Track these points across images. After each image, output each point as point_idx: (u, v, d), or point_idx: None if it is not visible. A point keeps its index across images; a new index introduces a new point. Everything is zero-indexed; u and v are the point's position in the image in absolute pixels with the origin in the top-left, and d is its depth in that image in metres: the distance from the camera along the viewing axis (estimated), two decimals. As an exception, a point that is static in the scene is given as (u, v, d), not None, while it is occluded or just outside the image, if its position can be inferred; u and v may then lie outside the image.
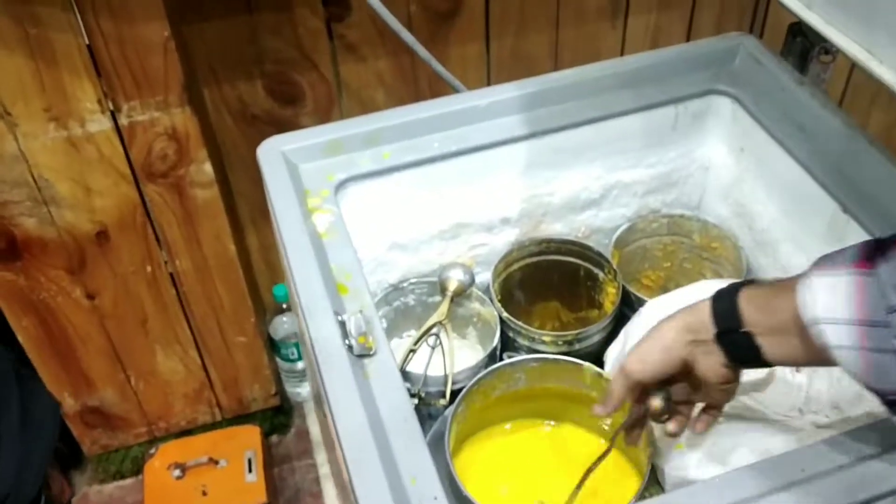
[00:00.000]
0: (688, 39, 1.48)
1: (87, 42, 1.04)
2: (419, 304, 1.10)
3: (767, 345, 0.66)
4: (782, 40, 1.04)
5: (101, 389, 1.44)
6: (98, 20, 1.03)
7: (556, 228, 1.09)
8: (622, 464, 0.95)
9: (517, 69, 1.43)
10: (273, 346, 1.59)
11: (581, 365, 0.93)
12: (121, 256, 1.28)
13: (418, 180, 0.97)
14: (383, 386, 0.73)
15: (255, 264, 1.51)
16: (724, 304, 0.69)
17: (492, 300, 1.03)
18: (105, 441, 1.54)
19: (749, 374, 0.88)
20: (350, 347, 0.75)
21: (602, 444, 0.98)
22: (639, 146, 1.05)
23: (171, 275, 1.33)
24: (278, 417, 1.66)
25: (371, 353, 0.76)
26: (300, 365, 1.62)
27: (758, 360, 0.67)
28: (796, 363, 0.69)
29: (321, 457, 1.62)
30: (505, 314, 1.00)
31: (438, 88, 1.38)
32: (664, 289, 1.22)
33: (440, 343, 1.00)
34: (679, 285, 1.20)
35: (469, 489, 0.79)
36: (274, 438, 1.66)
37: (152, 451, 1.54)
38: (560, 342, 0.99)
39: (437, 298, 1.08)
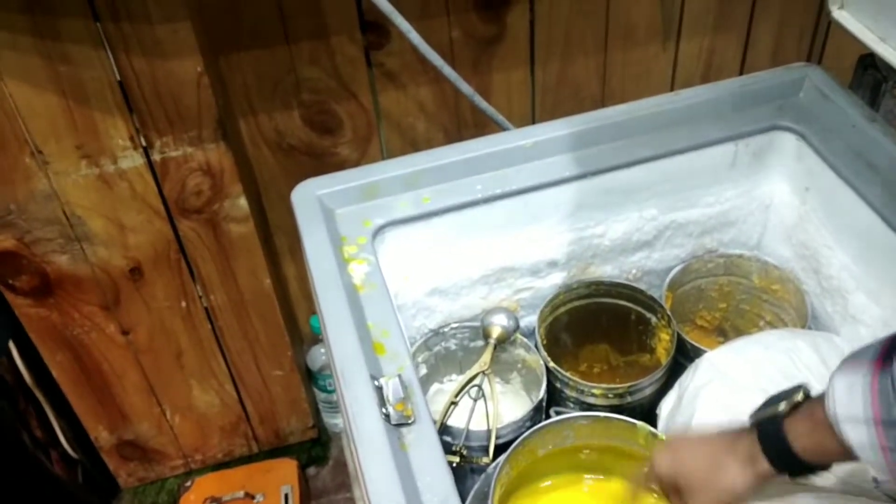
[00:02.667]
0: (743, 63, 1.41)
1: (118, 79, 1.01)
2: (461, 348, 1.05)
3: (810, 454, 0.66)
4: (843, 66, 0.97)
5: (136, 423, 1.42)
6: (130, 57, 1.00)
7: (606, 270, 1.03)
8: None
9: (563, 95, 1.37)
10: (310, 377, 1.55)
11: (635, 424, 0.87)
12: (155, 292, 1.24)
13: (460, 224, 0.92)
14: (423, 460, 0.68)
15: (293, 294, 1.47)
16: (774, 445, 0.68)
17: (538, 347, 0.97)
18: (141, 474, 1.51)
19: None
20: (387, 416, 0.70)
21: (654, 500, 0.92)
22: (695, 185, 0.99)
23: (206, 309, 1.30)
24: (316, 449, 1.62)
25: (410, 421, 0.71)
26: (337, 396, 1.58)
27: (796, 467, 0.67)
28: (837, 461, 0.67)
29: (359, 491, 1.57)
30: (552, 364, 0.94)
31: (482, 117, 1.33)
32: (719, 329, 1.15)
33: (483, 395, 0.95)
34: (735, 326, 1.14)
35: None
36: (311, 471, 1.62)
37: (188, 483, 1.51)
38: (611, 395, 0.94)
39: (480, 343, 1.03)
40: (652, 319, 1.02)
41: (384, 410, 0.70)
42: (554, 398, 0.97)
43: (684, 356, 0.98)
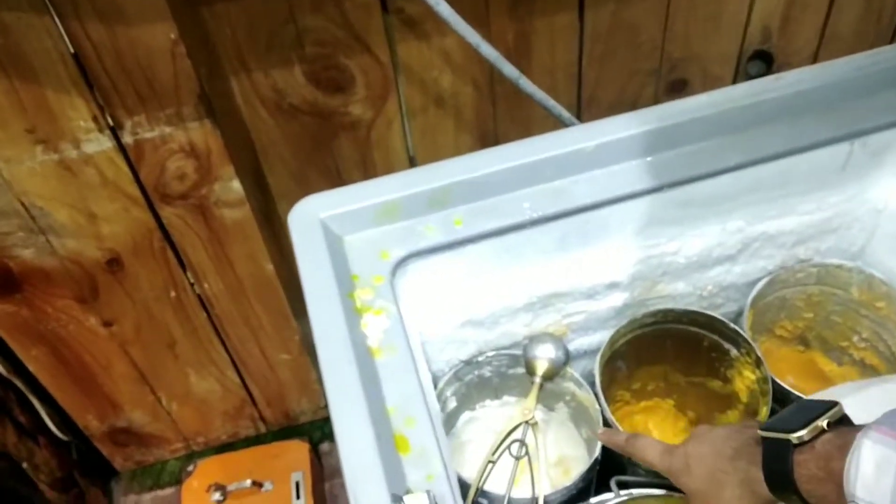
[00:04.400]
0: (831, 3, 1.17)
1: (72, 51, 0.81)
2: (497, 374, 0.88)
3: (815, 499, 0.54)
4: None
5: (128, 411, 1.28)
6: (84, 24, 0.79)
7: (677, 288, 0.85)
8: None
9: (617, 41, 1.15)
10: (322, 351, 1.39)
11: (712, 508, 0.70)
12: (138, 283, 1.07)
13: (501, 249, 0.73)
14: None
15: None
16: (778, 475, 0.56)
17: (601, 405, 0.80)
18: (138, 457, 1.39)
19: None
20: None
21: None
22: (792, 192, 0.79)
23: (199, 297, 1.13)
24: (328, 426, 1.47)
25: (440, 553, 0.55)
26: (353, 370, 1.43)
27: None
28: None
29: None
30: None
31: (519, 66, 1.11)
32: (801, 338, 0.98)
33: (527, 453, 0.78)
34: (821, 337, 0.96)
35: None
36: (325, 447, 1.48)
37: (190, 468, 1.38)
38: None
39: (520, 370, 0.86)
40: (731, 351, 0.84)
41: (407, 547, 0.54)
42: (609, 454, 0.80)
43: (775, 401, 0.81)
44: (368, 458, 0.57)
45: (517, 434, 0.78)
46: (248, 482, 1.34)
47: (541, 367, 0.81)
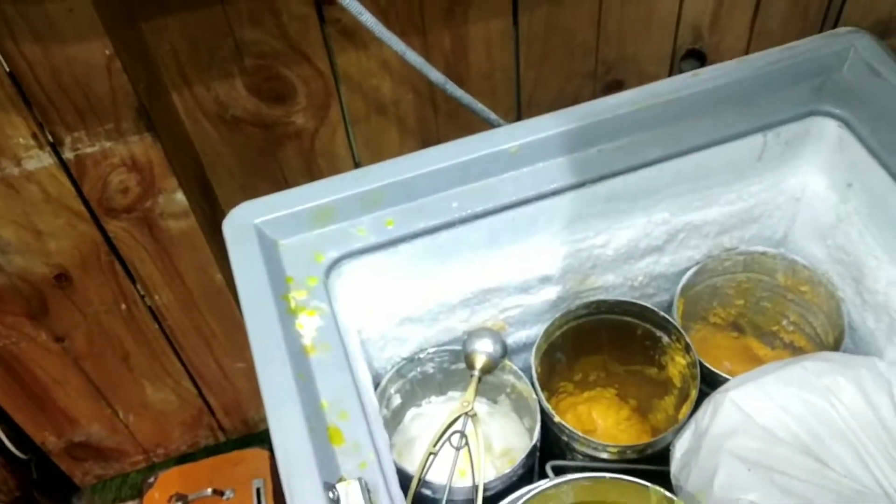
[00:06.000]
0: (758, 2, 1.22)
1: (7, 70, 0.82)
2: (440, 370, 0.91)
3: None
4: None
5: (86, 426, 1.28)
6: (18, 43, 0.80)
7: (608, 280, 0.88)
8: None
9: (552, 44, 1.18)
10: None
11: (647, 487, 0.73)
12: (88, 297, 1.08)
13: (433, 248, 0.76)
14: None
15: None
16: None
17: (536, 391, 0.83)
18: (98, 471, 1.39)
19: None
20: None
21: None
22: (713, 183, 0.82)
23: (150, 309, 1.14)
24: (289, 432, 1.49)
25: (375, 541, 0.57)
26: (311, 377, 1.44)
27: None
28: None
29: None
30: (558, 418, 0.80)
31: (455, 73, 1.14)
32: (734, 325, 1.01)
33: (466, 443, 0.81)
34: (754, 323, 1.00)
35: None
36: (286, 453, 1.50)
37: (151, 479, 1.38)
38: (630, 452, 0.80)
39: (461, 365, 0.88)
40: (663, 338, 0.88)
41: (341, 535, 0.56)
42: (549, 440, 0.83)
43: (702, 380, 0.84)
44: (301, 448, 0.59)
45: (457, 426, 0.80)
46: (209, 491, 1.35)
47: (479, 361, 0.83)
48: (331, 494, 0.57)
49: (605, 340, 0.92)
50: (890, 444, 0.72)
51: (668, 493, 0.73)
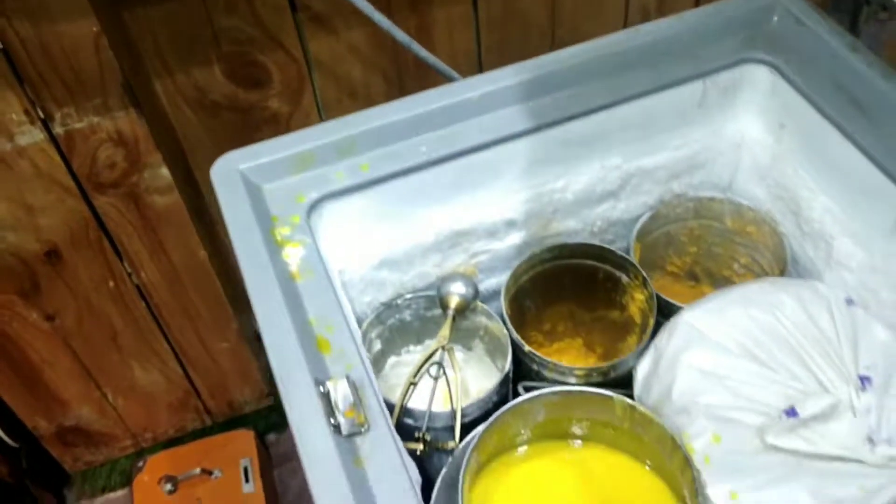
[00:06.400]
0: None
1: (0, 46, 0.88)
2: (417, 318, 0.97)
3: None
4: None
5: (76, 409, 1.32)
6: (10, 20, 0.86)
7: (569, 225, 0.95)
8: (664, 493, 0.83)
9: (510, 28, 1.26)
10: (261, 343, 1.46)
11: (611, 397, 0.80)
12: (77, 274, 1.13)
13: (406, 190, 0.82)
14: (381, 473, 0.60)
15: (234, 263, 1.36)
16: None
17: (507, 326, 0.89)
18: (88, 458, 1.43)
19: (807, 404, 0.75)
20: (337, 427, 0.62)
21: (636, 467, 0.86)
22: (661, 129, 0.90)
23: (137, 287, 1.19)
24: (273, 415, 1.54)
25: (363, 429, 0.63)
26: (292, 360, 1.49)
27: None
28: None
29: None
30: (528, 348, 0.86)
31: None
32: (690, 274, 1.08)
33: (444, 373, 0.87)
34: (707, 270, 1.07)
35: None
36: (271, 437, 1.54)
37: (140, 464, 1.43)
38: (595, 374, 0.86)
39: (437, 312, 0.95)
40: (623, 278, 0.94)
41: (333, 421, 0.62)
42: (522, 370, 0.90)
43: (659, 313, 0.91)
44: (293, 352, 0.65)
45: (435, 358, 0.87)
46: (198, 470, 1.40)
47: (453, 301, 0.90)
48: (321, 388, 0.63)
49: (569, 286, 0.99)
50: (829, 348, 0.79)
51: (630, 401, 0.79)
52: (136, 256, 1.15)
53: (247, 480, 1.40)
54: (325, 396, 0.63)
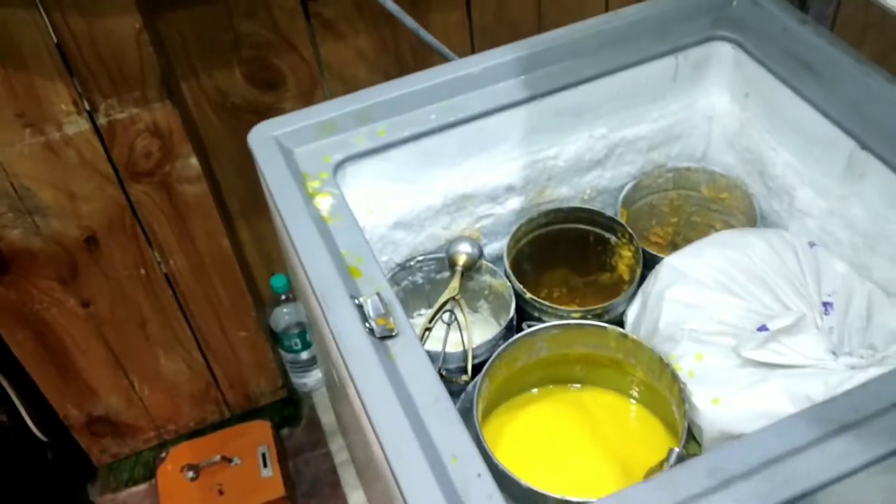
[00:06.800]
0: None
1: (55, 41, 1.00)
2: (428, 281, 1.07)
3: None
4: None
5: (105, 398, 1.41)
6: (66, 17, 0.98)
7: (562, 192, 1.06)
8: (654, 424, 0.93)
9: (501, 33, 1.39)
10: (275, 338, 1.55)
11: (605, 328, 0.90)
12: (113, 261, 1.23)
13: (417, 155, 0.93)
14: (410, 366, 0.70)
15: (250, 258, 1.47)
16: None
17: (509, 278, 0.99)
18: (114, 449, 1.50)
19: (776, 321, 0.85)
20: (371, 330, 0.72)
21: (629, 405, 0.96)
22: (640, 102, 1.01)
23: (166, 275, 1.29)
24: (287, 409, 1.63)
25: (393, 333, 0.73)
26: (304, 355, 1.59)
27: None
28: None
29: (336, 445, 1.60)
30: (529, 295, 0.97)
31: (423, 59, 1.34)
32: (673, 244, 1.19)
33: (455, 319, 0.97)
34: (688, 239, 1.18)
35: (500, 460, 0.76)
36: (285, 431, 1.63)
37: (163, 454, 1.51)
38: (589, 317, 0.96)
39: (446, 274, 1.05)
40: (611, 239, 1.05)
41: (367, 325, 0.72)
42: (525, 319, 1.00)
43: (646, 268, 1.01)
44: (330, 274, 0.76)
45: (447, 307, 0.97)
46: (218, 458, 1.48)
47: (461, 260, 1.00)
48: (356, 301, 0.73)
49: (564, 251, 1.10)
50: (795, 281, 0.90)
51: (621, 329, 0.90)
52: (166, 244, 1.25)
53: (265, 466, 1.48)
54: (360, 308, 0.73)
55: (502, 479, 0.75)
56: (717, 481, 0.60)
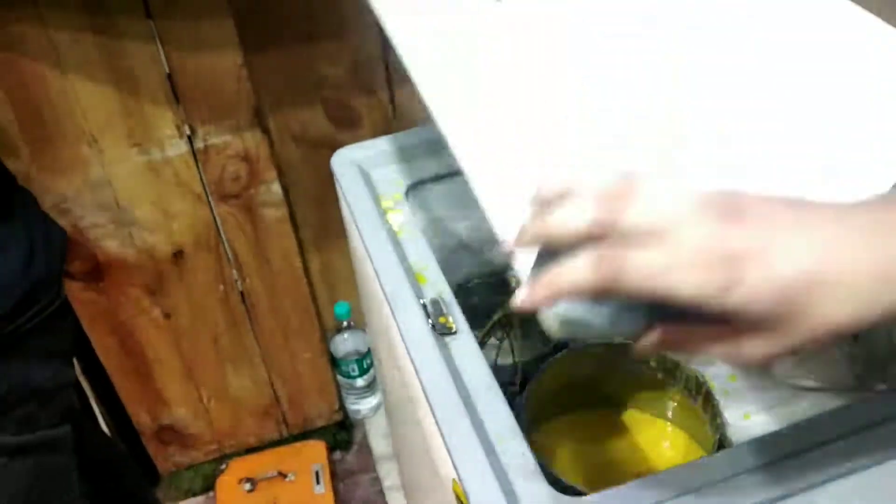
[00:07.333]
0: None
1: (167, 72, 1.13)
2: (483, 302, 1.16)
3: None
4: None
5: (174, 408, 1.51)
6: (179, 52, 1.11)
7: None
8: (688, 443, 1.00)
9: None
10: (333, 364, 1.65)
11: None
12: (196, 276, 1.35)
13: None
14: (465, 359, 0.79)
15: (316, 284, 1.58)
16: None
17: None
18: (178, 458, 1.60)
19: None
20: (433, 326, 0.81)
21: (665, 428, 1.03)
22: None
23: (241, 293, 1.40)
24: (340, 434, 1.71)
25: (452, 331, 0.82)
26: (360, 382, 1.68)
27: None
28: None
29: (384, 470, 1.67)
30: None
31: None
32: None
33: (507, 336, 1.05)
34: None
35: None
36: (336, 455, 1.71)
37: (223, 466, 1.60)
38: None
39: (500, 298, 1.14)
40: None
41: (430, 322, 0.81)
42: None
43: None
44: (399, 278, 0.85)
45: (500, 322, 1.06)
46: (275, 473, 1.57)
47: (514, 282, 1.09)
48: (421, 301, 0.83)
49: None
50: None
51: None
52: (245, 264, 1.36)
53: (318, 483, 1.56)
54: (423, 307, 0.83)
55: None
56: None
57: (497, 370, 1.03)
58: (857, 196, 0.42)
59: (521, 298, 0.46)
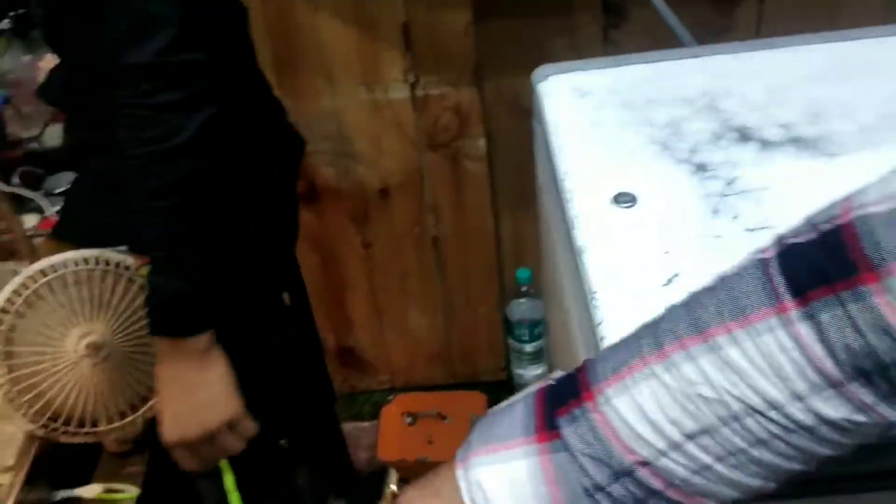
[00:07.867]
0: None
1: (403, 21, 1.24)
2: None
3: None
4: None
5: (357, 333, 1.64)
6: (415, 3, 1.22)
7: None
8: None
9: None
10: (507, 327, 1.72)
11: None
12: (396, 214, 1.47)
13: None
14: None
15: (504, 245, 1.65)
16: None
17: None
18: (353, 382, 1.74)
19: None
20: None
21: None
22: None
23: (434, 238, 1.51)
24: (502, 393, 1.77)
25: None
26: (528, 348, 1.74)
27: None
28: None
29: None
30: None
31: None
32: None
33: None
34: None
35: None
36: (496, 412, 1.78)
37: (390, 398, 1.72)
38: None
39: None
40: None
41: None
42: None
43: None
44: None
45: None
46: (435, 412, 1.67)
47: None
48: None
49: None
50: None
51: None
52: (441, 211, 1.46)
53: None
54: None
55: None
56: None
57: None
58: None
59: None
